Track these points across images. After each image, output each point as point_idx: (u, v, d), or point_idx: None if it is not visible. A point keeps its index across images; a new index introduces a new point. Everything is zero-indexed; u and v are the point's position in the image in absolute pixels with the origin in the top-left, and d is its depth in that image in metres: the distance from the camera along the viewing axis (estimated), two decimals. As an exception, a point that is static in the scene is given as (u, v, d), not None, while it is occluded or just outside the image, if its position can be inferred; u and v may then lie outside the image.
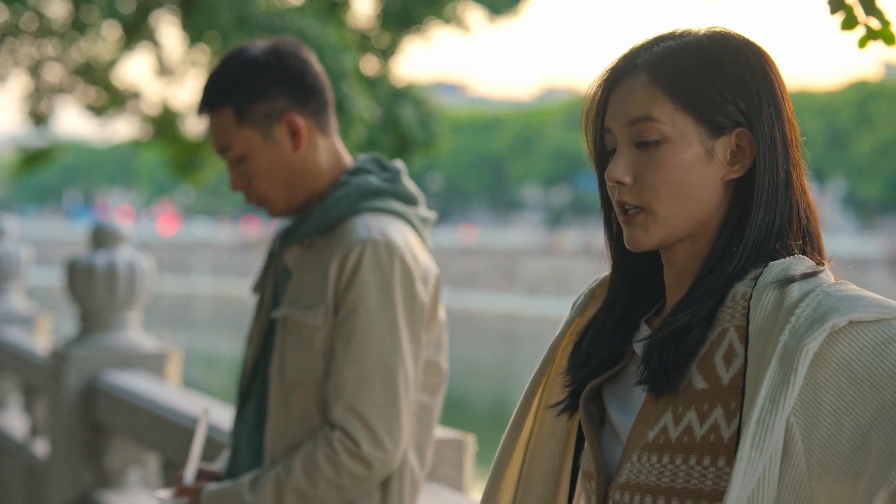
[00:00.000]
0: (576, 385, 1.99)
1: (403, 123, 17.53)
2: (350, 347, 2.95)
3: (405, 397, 2.98)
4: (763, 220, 1.85)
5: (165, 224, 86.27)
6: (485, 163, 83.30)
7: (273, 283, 3.19)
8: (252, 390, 3.17)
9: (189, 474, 3.09)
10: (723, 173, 1.87)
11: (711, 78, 1.86)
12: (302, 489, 2.94)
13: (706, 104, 1.86)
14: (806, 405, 1.70)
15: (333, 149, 3.15)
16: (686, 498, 1.79)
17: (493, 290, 60.29)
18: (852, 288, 1.76)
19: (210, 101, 3.10)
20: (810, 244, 1.88)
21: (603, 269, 2.08)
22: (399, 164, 3.20)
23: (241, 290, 70.27)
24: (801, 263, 1.81)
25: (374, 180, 3.09)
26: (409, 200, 3.13)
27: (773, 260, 1.84)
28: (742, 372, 1.77)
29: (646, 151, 1.87)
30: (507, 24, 18.34)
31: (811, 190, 1.94)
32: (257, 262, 72.16)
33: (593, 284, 2.07)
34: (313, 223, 3.04)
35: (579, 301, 2.07)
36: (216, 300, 66.66)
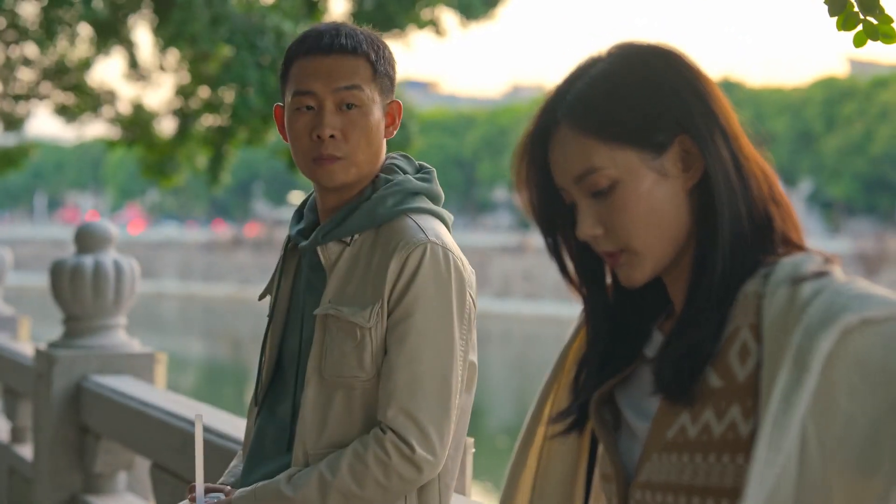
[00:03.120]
0: (577, 412, 2.00)
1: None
2: (404, 350, 2.93)
3: (455, 401, 2.97)
4: (730, 212, 1.84)
5: (134, 228, 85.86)
6: (454, 163, 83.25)
7: (294, 283, 3.16)
8: (275, 391, 3.15)
9: (199, 486, 3.05)
10: (682, 183, 1.86)
11: (631, 103, 1.85)
12: (348, 490, 2.91)
13: (637, 131, 1.84)
14: (820, 404, 1.69)
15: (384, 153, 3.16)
16: (707, 495, 1.80)
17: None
18: (863, 285, 1.76)
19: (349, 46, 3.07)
20: (788, 228, 1.88)
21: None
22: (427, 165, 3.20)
23: (209, 292, 70.19)
24: (811, 261, 1.80)
25: (413, 180, 3.09)
26: (438, 201, 3.13)
27: (762, 251, 1.85)
28: (757, 369, 1.77)
29: (603, 199, 1.86)
30: (479, 26, 18.28)
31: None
32: (224, 263, 72.04)
33: None
34: (359, 221, 3.02)
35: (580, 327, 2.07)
36: (184, 300, 66.43)
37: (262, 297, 3.28)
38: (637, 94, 1.85)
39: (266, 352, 3.18)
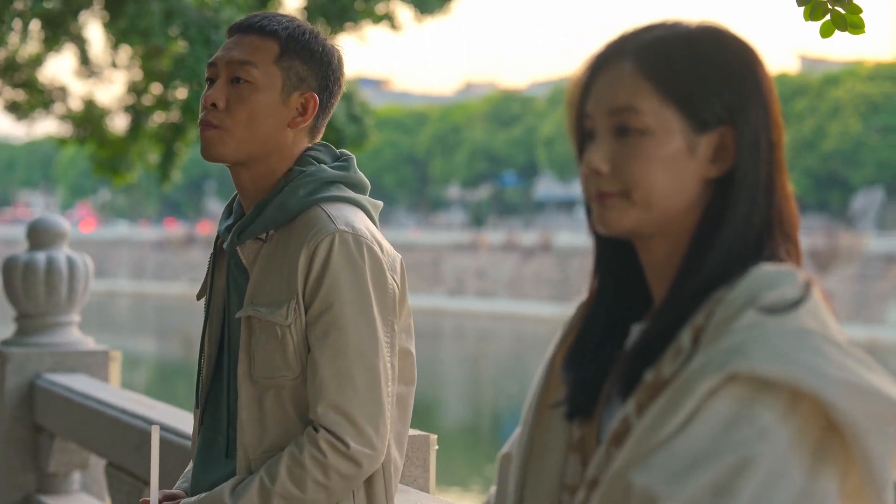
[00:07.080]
0: (575, 387, 1.91)
1: (333, 117, 17.44)
2: (327, 344, 2.87)
3: (386, 390, 2.92)
4: (741, 222, 1.78)
5: (85, 227, 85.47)
6: (407, 160, 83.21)
7: (226, 283, 3.09)
8: (214, 396, 3.09)
9: (154, 498, 3.00)
10: (703, 171, 1.79)
11: (700, 71, 1.79)
12: (289, 494, 2.86)
13: (693, 98, 1.78)
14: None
15: (302, 148, 3.07)
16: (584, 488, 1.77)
17: (418, 290, 60.46)
18: (813, 329, 1.67)
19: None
20: (791, 253, 1.80)
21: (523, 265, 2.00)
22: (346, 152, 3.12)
23: (162, 290, 69.94)
24: (782, 285, 1.71)
25: (328, 169, 3.02)
26: (361, 189, 3.06)
27: (752, 264, 1.77)
28: (682, 368, 1.71)
29: (626, 141, 1.79)
30: (434, 21, 18.23)
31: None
32: (176, 262, 71.83)
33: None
34: (270, 216, 2.95)
35: (576, 313, 2.00)
36: (137, 298, 66.16)
37: (199, 296, 3.21)
38: (709, 66, 1.80)
39: (205, 353, 3.12)
